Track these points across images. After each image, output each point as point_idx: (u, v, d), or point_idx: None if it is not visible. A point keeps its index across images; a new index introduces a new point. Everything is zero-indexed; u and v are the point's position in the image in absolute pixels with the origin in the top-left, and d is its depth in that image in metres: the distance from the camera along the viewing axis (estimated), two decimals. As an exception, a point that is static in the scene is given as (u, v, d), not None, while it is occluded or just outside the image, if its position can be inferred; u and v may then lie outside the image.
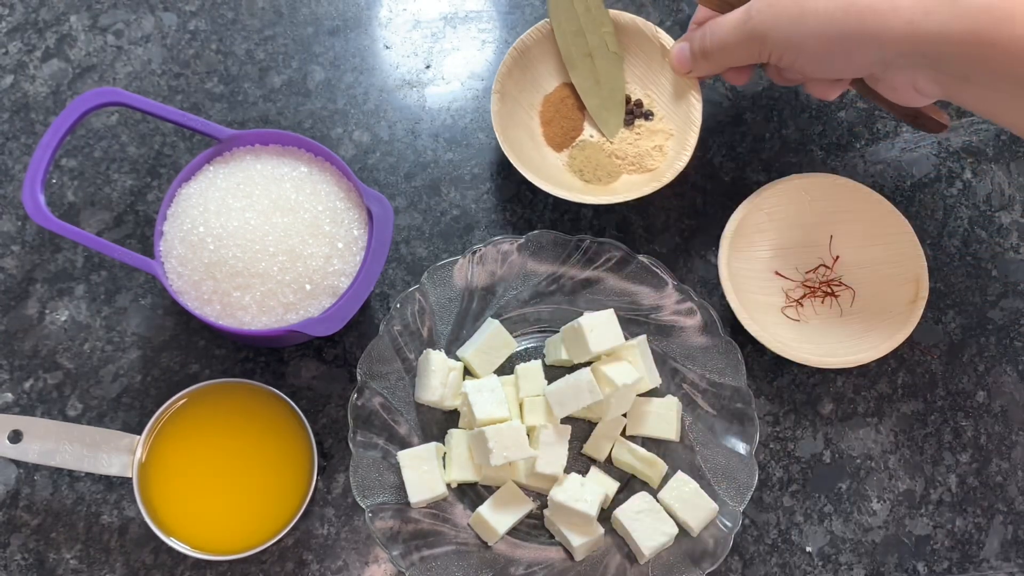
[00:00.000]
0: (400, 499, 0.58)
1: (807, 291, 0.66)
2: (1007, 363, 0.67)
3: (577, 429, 0.61)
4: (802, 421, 0.65)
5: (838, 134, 0.71)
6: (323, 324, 0.55)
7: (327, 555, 0.60)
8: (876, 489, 0.64)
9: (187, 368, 0.63)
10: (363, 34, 0.72)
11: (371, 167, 0.68)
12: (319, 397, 0.63)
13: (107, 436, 0.56)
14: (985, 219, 0.70)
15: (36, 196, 0.56)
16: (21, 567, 0.58)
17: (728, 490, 0.60)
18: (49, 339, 0.63)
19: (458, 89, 0.71)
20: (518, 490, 0.59)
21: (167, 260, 0.57)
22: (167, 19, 0.71)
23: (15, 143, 0.67)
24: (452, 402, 0.61)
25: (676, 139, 0.66)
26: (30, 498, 0.60)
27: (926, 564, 0.62)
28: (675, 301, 0.63)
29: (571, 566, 0.59)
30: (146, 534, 0.59)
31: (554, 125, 0.68)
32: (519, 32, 0.73)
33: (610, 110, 0.67)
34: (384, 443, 0.59)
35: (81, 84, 0.69)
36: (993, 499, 0.64)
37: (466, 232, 0.67)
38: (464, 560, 0.58)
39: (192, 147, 0.68)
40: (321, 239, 0.57)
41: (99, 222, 0.65)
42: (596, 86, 0.67)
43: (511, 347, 0.63)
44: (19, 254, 0.65)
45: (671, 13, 0.74)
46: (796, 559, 0.62)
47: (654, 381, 0.62)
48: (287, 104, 0.69)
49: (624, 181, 0.66)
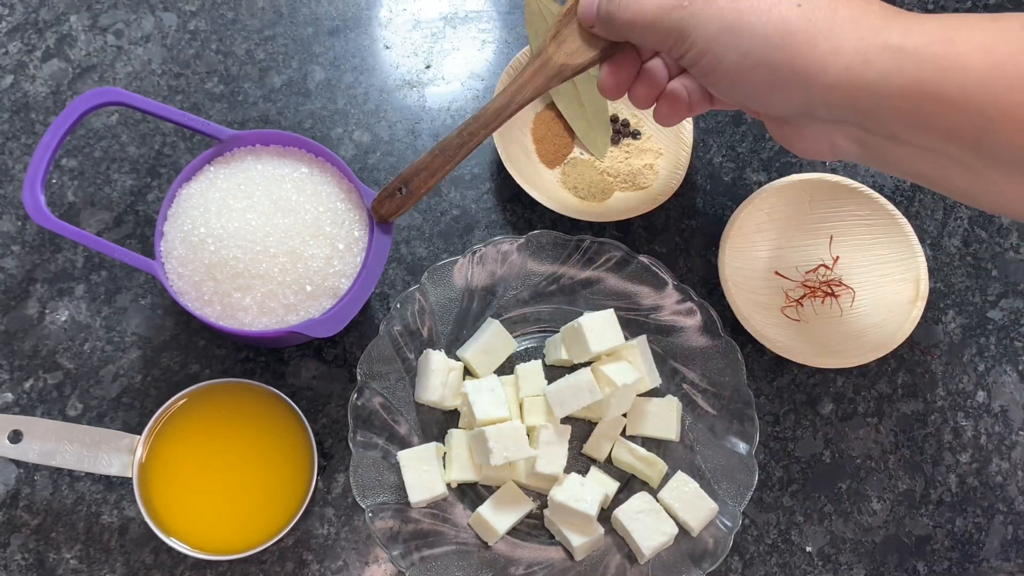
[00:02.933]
0: (400, 499, 0.58)
1: (807, 291, 0.66)
2: (1007, 363, 0.67)
3: (577, 429, 0.61)
4: (802, 421, 0.65)
5: (838, 134, 0.71)
6: (324, 325, 0.55)
7: (327, 555, 0.60)
8: (876, 489, 0.64)
9: (187, 368, 0.63)
10: (363, 34, 0.72)
11: (371, 167, 0.68)
12: (319, 397, 0.63)
13: (107, 436, 0.56)
14: (985, 219, 0.70)
15: (36, 196, 0.56)
16: (21, 567, 0.58)
17: (728, 490, 0.60)
18: (49, 339, 0.63)
19: (458, 89, 0.71)
20: (518, 490, 0.59)
21: (167, 260, 0.57)
22: (167, 19, 0.71)
23: (15, 143, 0.67)
24: (452, 402, 0.61)
25: (667, 158, 0.67)
26: (30, 498, 0.60)
27: (926, 564, 0.62)
28: (675, 301, 0.63)
29: (571, 566, 0.59)
30: (146, 534, 0.59)
31: (546, 143, 0.69)
32: (519, 32, 0.73)
33: (596, 131, 0.69)
34: (384, 443, 0.59)
35: (81, 84, 0.69)
36: (993, 499, 0.64)
37: (466, 232, 0.67)
38: (464, 560, 0.58)
39: (192, 147, 0.68)
40: (322, 240, 0.57)
41: (99, 222, 0.65)
42: (581, 109, 0.68)
43: (511, 347, 0.63)
44: (19, 254, 0.64)
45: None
46: (796, 559, 0.62)
47: (654, 381, 0.62)
48: (287, 104, 0.69)
49: (618, 198, 0.67)
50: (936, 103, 0.38)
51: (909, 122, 0.40)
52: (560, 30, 0.49)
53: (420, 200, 0.55)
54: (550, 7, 0.68)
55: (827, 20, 0.41)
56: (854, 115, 0.42)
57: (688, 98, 0.51)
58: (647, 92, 0.51)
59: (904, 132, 0.41)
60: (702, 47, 0.44)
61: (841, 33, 0.40)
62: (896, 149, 0.42)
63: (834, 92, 0.41)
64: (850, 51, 0.40)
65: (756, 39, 0.42)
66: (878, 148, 0.43)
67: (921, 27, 0.39)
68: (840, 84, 0.40)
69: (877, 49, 0.39)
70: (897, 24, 0.40)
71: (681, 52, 0.45)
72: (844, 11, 0.41)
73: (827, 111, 0.42)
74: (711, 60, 0.44)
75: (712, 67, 0.44)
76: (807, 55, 0.41)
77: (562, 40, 0.49)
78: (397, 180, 0.53)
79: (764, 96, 0.44)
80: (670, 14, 0.44)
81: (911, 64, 0.39)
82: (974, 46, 0.38)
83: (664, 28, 0.45)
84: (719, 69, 0.44)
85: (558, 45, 0.49)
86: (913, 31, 0.39)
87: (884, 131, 0.41)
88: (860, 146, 0.44)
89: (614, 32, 0.48)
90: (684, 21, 0.44)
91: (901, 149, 0.42)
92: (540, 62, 0.49)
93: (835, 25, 0.41)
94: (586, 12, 0.49)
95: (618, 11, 0.46)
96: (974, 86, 0.37)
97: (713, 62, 0.44)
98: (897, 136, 0.41)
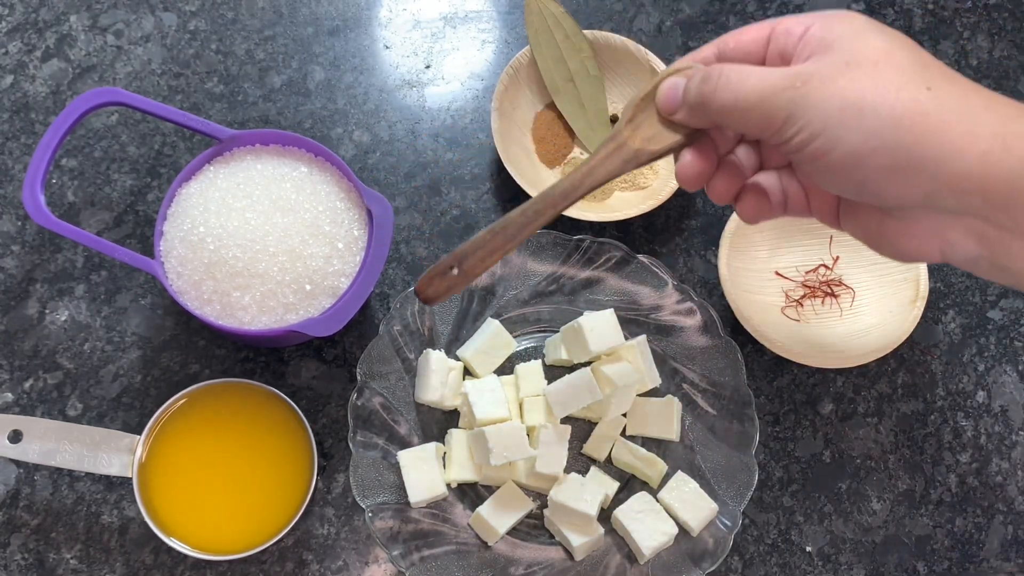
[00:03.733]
0: (400, 499, 0.58)
1: (807, 291, 0.66)
2: (1007, 363, 0.67)
3: (577, 429, 0.61)
4: (802, 421, 0.65)
5: (838, 134, 0.71)
6: (323, 324, 0.55)
7: (327, 555, 0.60)
8: (876, 489, 0.64)
9: (187, 368, 0.63)
10: (363, 34, 0.72)
11: (371, 167, 0.68)
12: (319, 397, 0.63)
13: (107, 436, 0.56)
14: (985, 219, 0.70)
15: (36, 196, 0.56)
16: (21, 567, 0.58)
17: (728, 490, 0.60)
18: (49, 339, 0.63)
19: (458, 89, 0.71)
20: (518, 490, 0.59)
21: (167, 260, 0.57)
22: (167, 19, 0.71)
23: (15, 143, 0.67)
24: (452, 402, 0.61)
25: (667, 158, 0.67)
26: (30, 498, 0.60)
27: (926, 564, 0.62)
28: (675, 301, 0.63)
29: (571, 566, 0.59)
30: (146, 534, 0.59)
31: (546, 143, 0.69)
32: (519, 32, 0.73)
33: (596, 131, 0.69)
34: (384, 443, 0.59)
35: (81, 84, 0.69)
36: (993, 499, 0.64)
37: (466, 232, 0.67)
38: (464, 560, 0.58)
39: (192, 147, 0.68)
40: (321, 239, 0.57)
41: (99, 222, 0.65)
42: (581, 109, 0.68)
43: (511, 347, 0.63)
44: (19, 254, 0.64)
45: (671, 13, 0.74)
46: (796, 559, 0.62)
47: (654, 381, 0.62)
48: (287, 104, 0.69)
49: (618, 198, 0.67)
50: None
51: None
52: (636, 114, 0.45)
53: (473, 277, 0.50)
54: (550, 7, 0.68)
55: (960, 104, 0.38)
56: (984, 205, 0.38)
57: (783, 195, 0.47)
58: (728, 185, 0.46)
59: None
60: (815, 129, 0.39)
61: (976, 117, 0.38)
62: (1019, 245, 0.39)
63: (967, 180, 0.37)
64: (987, 136, 0.37)
65: (882, 119, 0.38)
66: (1002, 245, 0.40)
67: None
68: (974, 171, 0.37)
69: (1017, 135, 0.37)
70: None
71: (788, 136, 0.40)
72: (976, 98, 0.38)
73: (954, 200, 0.38)
74: (824, 144, 0.39)
75: (824, 151, 0.39)
76: (939, 138, 0.37)
77: (638, 124, 0.45)
78: (451, 257, 0.48)
79: (881, 184, 0.39)
80: (780, 95, 0.39)
81: None
82: None
83: (770, 110, 0.40)
84: (832, 153, 0.39)
85: (634, 129, 0.45)
86: None
87: (1016, 226, 0.38)
88: (980, 243, 0.40)
89: (704, 118, 0.43)
90: (796, 102, 0.39)
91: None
92: (615, 144, 0.45)
93: (969, 110, 0.38)
94: (668, 100, 0.44)
95: (715, 95, 0.41)
96: None
97: (826, 145, 0.39)
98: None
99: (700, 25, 0.74)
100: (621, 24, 0.73)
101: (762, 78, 0.40)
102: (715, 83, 0.41)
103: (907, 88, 0.38)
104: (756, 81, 0.40)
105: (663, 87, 0.44)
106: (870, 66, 0.38)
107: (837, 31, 0.39)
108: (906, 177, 0.38)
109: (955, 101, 0.38)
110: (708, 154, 0.45)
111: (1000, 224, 0.38)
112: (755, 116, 0.40)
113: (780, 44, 0.42)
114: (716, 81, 0.41)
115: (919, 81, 0.38)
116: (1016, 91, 0.74)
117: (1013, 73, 0.74)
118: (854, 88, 0.38)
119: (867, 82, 0.38)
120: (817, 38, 0.40)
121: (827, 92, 0.38)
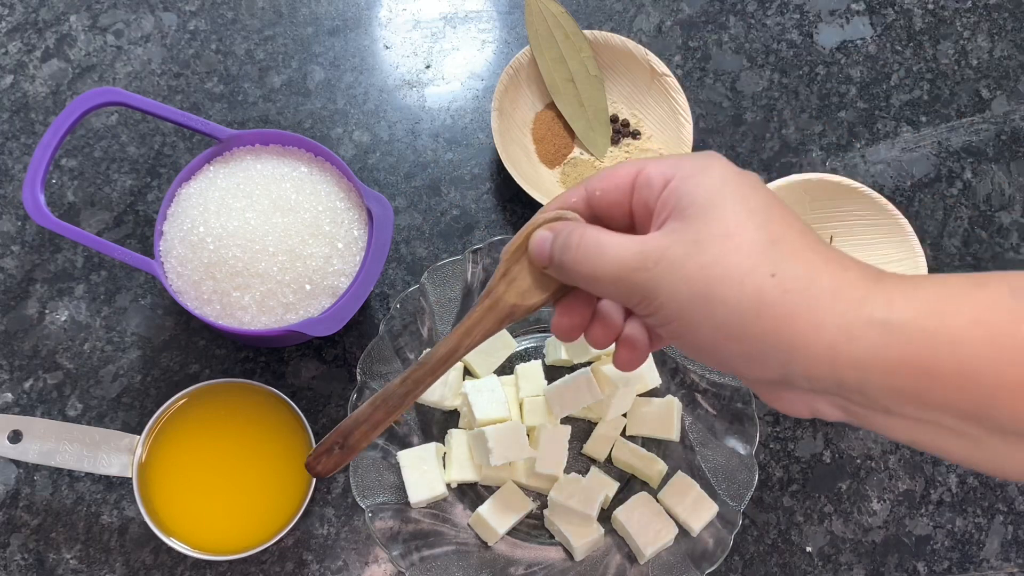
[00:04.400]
0: (400, 499, 0.58)
1: (807, 291, 0.66)
2: (1007, 363, 0.67)
3: (577, 429, 0.61)
4: (802, 421, 0.65)
5: (838, 134, 0.71)
6: (323, 324, 0.55)
7: (327, 555, 0.60)
8: (876, 489, 0.64)
9: (187, 368, 0.63)
10: (363, 34, 0.72)
11: (371, 167, 0.68)
12: (319, 397, 0.63)
13: (107, 436, 0.56)
14: (985, 219, 0.70)
15: (36, 196, 0.56)
16: (21, 567, 0.58)
17: (728, 490, 0.60)
18: (49, 339, 0.63)
19: (458, 89, 0.71)
20: (518, 490, 0.59)
21: (167, 260, 0.57)
22: (167, 19, 0.71)
23: (15, 143, 0.67)
24: (452, 402, 0.61)
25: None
26: (30, 498, 0.60)
27: (926, 564, 0.62)
28: (675, 301, 0.63)
29: (571, 566, 0.59)
30: (146, 534, 0.59)
31: (546, 143, 0.69)
32: (519, 32, 0.73)
33: (596, 131, 0.69)
34: (384, 443, 0.59)
35: (81, 84, 0.69)
36: (993, 499, 0.64)
37: (466, 232, 0.67)
38: (464, 560, 0.58)
39: (192, 147, 0.68)
40: (321, 239, 0.57)
41: (99, 222, 0.65)
42: (581, 109, 0.68)
43: (511, 347, 0.63)
44: (19, 254, 0.64)
45: (671, 13, 0.74)
46: (796, 559, 0.62)
47: (654, 381, 0.62)
48: (287, 104, 0.69)
49: None
50: (930, 379, 0.36)
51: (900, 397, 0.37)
52: (510, 267, 0.44)
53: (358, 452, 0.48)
54: (550, 7, 0.68)
55: (804, 292, 0.38)
56: (839, 388, 0.39)
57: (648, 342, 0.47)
58: (604, 334, 0.46)
59: (894, 405, 0.38)
60: (670, 313, 0.39)
61: (820, 307, 0.37)
62: (886, 419, 0.39)
63: (817, 367, 0.38)
64: (832, 327, 0.37)
65: (730, 311, 0.38)
66: (866, 418, 0.40)
67: (905, 297, 0.37)
68: (823, 360, 0.38)
69: (862, 324, 0.37)
70: (880, 294, 0.37)
71: (648, 312, 0.41)
72: (822, 281, 0.38)
73: (808, 384, 0.39)
74: (680, 328, 0.40)
75: (682, 333, 0.40)
76: (786, 329, 0.38)
77: (512, 278, 0.44)
78: (335, 434, 0.47)
79: (740, 366, 0.40)
80: (633, 275, 0.40)
81: (900, 339, 0.36)
82: (966, 319, 0.36)
83: (626, 288, 0.40)
84: (689, 337, 0.40)
85: (508, 283, 0.44)
86: (897, 302, 0.37)
87: (872, 404, 0.39)
88: (846, 413, 0.41)
89: (569, 281, 0.43)
90: (648, 285, 0.39)
91: (892, 419, 0.39)
92: (489, 302, 0.44)
93: (813, 298, 0.38)
94: (538, 253, 0.43)
95: (573, 265, 0.42)
96: (972, 361, 0.35)
97: (682, 329, 0.40)
98: (888, 409, 0.38)
99: (700, 25, 0.74)
100: (621, 24, 0.73)
101: (616, 255, 0.40)
102: (573, 254, 0.41)
103: (752, 276, 0.38)
104: (611, 258, 0.40)
105: (533, 241, 0.43)
106: (718, 246, 0.38)
107: (692, 194, 0.39)
108: (760, 363, 0.39)
109: (800, 287, 0.38)
110: (581, 307, 0.45)
111: (858, 403, 0.39)
112: (613, 291, 0.41)
113: (643, 196, 0.41)
114: (575, 252, 0.41)
115: (765, 265, 0.38)
116: (1016, 91, 0.74)
117: (1013, 73, 0.74)
118: (701, 276, 0.38)
119: (715, 270, 0.38)
120: (673, 201, 0.40)
121: (676, 278, 0.39)
